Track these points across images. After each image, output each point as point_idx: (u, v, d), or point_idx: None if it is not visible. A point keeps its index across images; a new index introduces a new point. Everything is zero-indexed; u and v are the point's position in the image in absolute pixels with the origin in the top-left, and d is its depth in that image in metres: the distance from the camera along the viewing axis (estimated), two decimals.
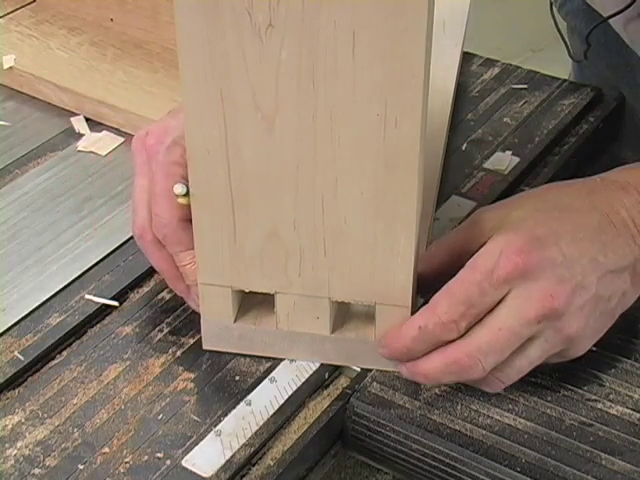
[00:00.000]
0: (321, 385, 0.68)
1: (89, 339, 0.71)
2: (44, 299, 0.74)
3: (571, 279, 0.62)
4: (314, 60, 0.57)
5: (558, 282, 0.62)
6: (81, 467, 0.62)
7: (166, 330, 0.72)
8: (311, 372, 0.68)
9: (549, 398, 0.66)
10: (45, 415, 0.66)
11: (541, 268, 0.62)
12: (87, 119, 0.93)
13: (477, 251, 0.64)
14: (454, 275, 0.63)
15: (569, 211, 0.65)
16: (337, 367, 0.69)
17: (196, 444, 0.64)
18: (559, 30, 0.99)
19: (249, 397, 0.67)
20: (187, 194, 0.65)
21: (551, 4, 1.01)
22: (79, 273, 0.76)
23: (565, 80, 0.98)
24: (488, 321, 0.62)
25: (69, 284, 0.75)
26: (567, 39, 1.02)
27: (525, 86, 0.97)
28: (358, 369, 0.69)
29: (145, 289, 0.75)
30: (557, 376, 0.67)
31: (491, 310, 0.62)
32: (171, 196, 0.67)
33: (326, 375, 0.69)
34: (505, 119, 0.93)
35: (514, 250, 0.62)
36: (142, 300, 0.74)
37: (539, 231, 0.63)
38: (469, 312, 0.62)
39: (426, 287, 0.66)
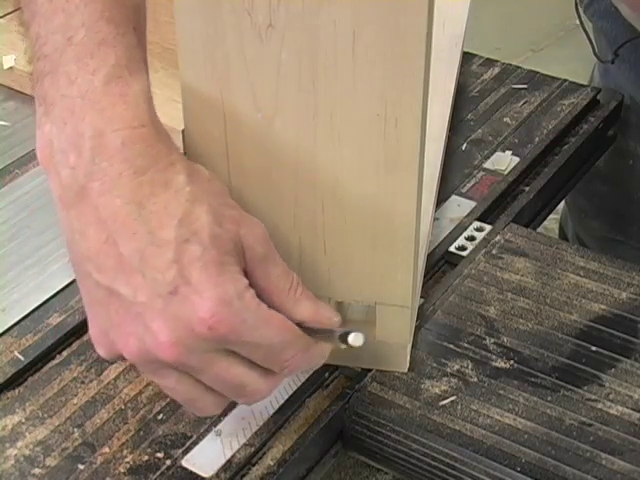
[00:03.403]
0: (321, 385, 0.68)
1: (89, 339, 0.71)
2: (44, 299, 0.74)
3: None
4: (314, 60, 0.57)
5: None
6: (81, 467, 0.62)
7: None
8: (311, 372, 0.68)
9: (549, 398, 0.66)
10: (45, 415, 0.66)
11: None
12: None
13: None
14: None
15: None
16: (337, 367, 0.69)
17: (196, 444, 0.64)
18: (585, 29, 0.99)
19: None
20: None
21: (576, 3, 1.00)
22: None
23: (565, 80, 0.98)
24: None
25: (69, 284, 0.75)
26: (593, 39, 1.02)
27: (525, 86, 0.97)
28: (358, 369, 0.69)
29: None
30: (557, 376, 0.67)
31: None
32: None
33: (326, 375, 0.69)
34: (505, 119, 0.93)
35: None
36: None
37: None
38: None
39: None
